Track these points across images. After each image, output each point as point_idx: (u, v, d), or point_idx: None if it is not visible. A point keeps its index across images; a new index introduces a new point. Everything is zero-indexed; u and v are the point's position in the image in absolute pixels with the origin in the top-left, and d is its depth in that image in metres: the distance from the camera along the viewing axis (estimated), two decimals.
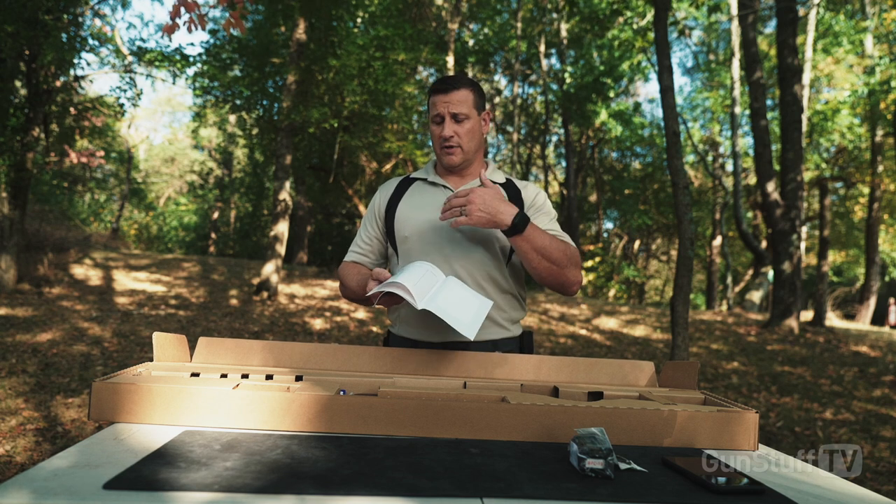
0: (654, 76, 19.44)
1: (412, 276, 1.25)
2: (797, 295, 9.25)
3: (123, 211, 22.12)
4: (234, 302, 8.44)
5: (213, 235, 24.54)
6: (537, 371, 1.38)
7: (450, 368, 1.36)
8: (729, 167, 18.74)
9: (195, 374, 1.12)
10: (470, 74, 16.63)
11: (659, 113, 20.20)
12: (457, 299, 1.29)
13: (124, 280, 9.44)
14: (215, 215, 24.93)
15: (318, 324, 7.46)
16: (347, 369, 1.33)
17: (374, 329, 7.42)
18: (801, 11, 11.01)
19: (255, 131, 11.74)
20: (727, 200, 15.92)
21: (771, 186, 9.52)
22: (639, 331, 8.95)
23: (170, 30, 3.94)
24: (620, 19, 11.42)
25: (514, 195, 1.56)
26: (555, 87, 16.80)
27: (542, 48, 16.26)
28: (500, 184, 1.58)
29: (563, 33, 16.27)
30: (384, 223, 1.59)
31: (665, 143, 5.00)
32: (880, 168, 13.96)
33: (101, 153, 14.78)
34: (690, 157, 17.84)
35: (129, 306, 7.48)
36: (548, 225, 1.53)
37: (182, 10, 3.87)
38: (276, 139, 9.62)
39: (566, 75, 15.74)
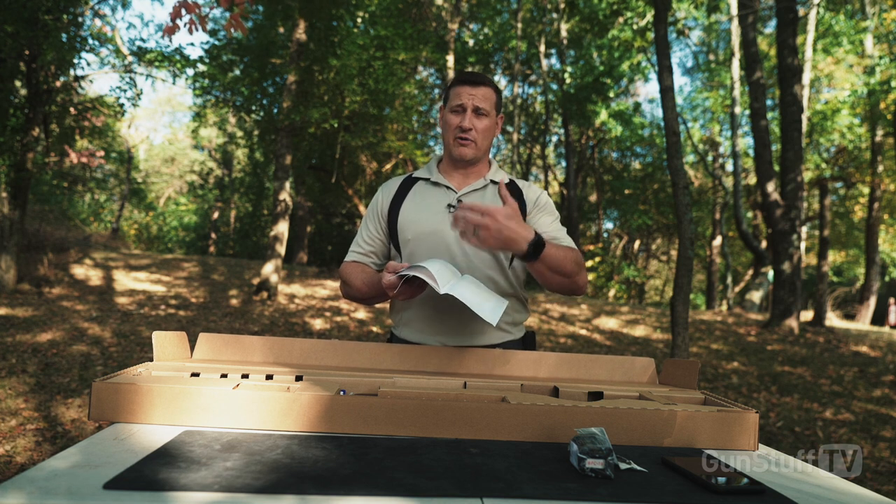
0: (654, 76, 19.42)
1: (434, 265, 1.27)
2: (797, 295, 9.24)
3: (123, 211, 22.12)
4: (234, 302, 8.43)
5: (213, 235, 24.53)
6: (537, 368, 1.38)
7: (451, 365, 1.36)
8: (729, 167, 18.75)
9: (195, 374, 1.12)
10: None
11: (659, 113, 20.19)
12: (476, 291, 1.32)
13: (124, 280, 9.44)
14: (215, 215, 24.92)
15: (318, 324, 7.46)
16: (348, 366, 1.33)
17: (375, 329, 7.42)
18: (801, 11, 10.99)
19: (255, 132, 11.73)
20: (727, 200, 15.92)
21: (771, 186, 9.52)
22: (639, 331, 8.95)
23: (170, 31, 3.93)
24: (620, 19, 11.42)
25: (516, 197, 1.56)
26: (555, 87, 16.79)
27: (542, 48, 16.26)
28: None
29: (563, 33, 16.26)
30: (387, 224, 1.59)
31: (665, 143, 5.00)
32: (880, 168, 13.96)
33: (101, 153, 14.76)
34: (690, 157, 17.84)
35: (129, 306, 7.48)
36: (551, 226, 1.52)
37: (183, 11, 3.87)
38: (276, 139, 9.62)
39: (566, 75, 15.74)
